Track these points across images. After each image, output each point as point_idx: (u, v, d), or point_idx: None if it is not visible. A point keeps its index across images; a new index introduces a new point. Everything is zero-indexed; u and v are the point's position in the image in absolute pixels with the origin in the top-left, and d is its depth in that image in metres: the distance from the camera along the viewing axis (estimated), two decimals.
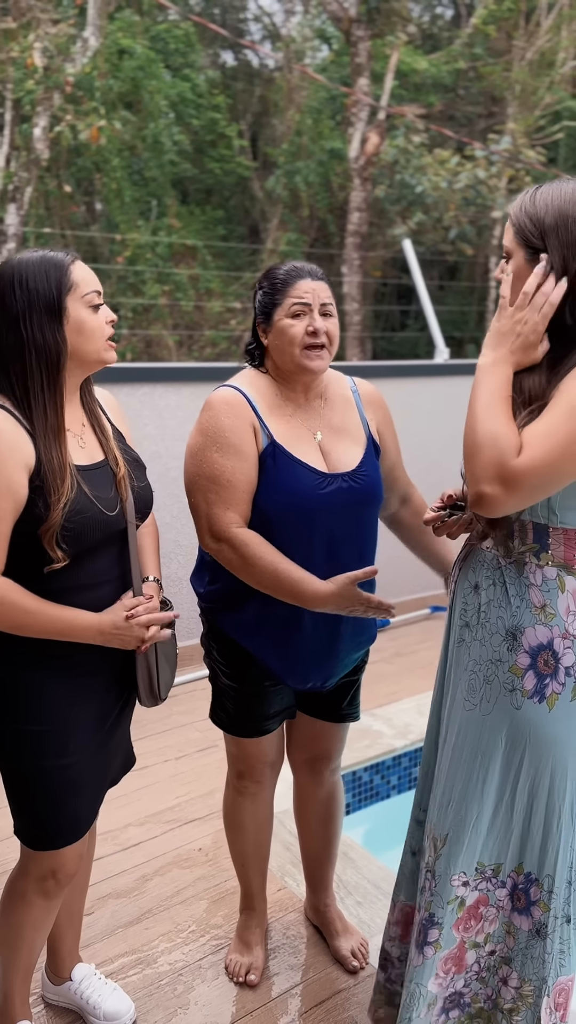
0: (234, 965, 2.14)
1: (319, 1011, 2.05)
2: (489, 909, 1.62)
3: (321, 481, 1.79)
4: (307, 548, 1.79)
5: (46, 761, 1.61)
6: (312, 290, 1.79)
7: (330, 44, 15.99)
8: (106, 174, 12.34)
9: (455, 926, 1.64)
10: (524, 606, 1.52)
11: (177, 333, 12.66)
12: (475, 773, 1.59)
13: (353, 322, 12.67)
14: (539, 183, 1.56)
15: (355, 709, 2.10)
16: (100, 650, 1.63)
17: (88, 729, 1.66)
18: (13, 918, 1.73)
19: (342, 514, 1.80)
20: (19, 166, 11.37)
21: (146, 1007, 2.04)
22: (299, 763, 2.15)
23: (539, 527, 1.50)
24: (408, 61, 13.99)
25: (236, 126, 15.02)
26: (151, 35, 13.81)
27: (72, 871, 1.70)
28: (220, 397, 1.82)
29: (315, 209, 14.59)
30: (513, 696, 1.54)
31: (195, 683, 3.78)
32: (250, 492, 1.78)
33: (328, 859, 2.25)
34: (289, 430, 1.83)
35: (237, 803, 2.12)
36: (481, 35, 14.25)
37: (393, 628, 4.50)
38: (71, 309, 1.54)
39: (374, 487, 1.87)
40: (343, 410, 1.90)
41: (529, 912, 1.62)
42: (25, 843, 1.68)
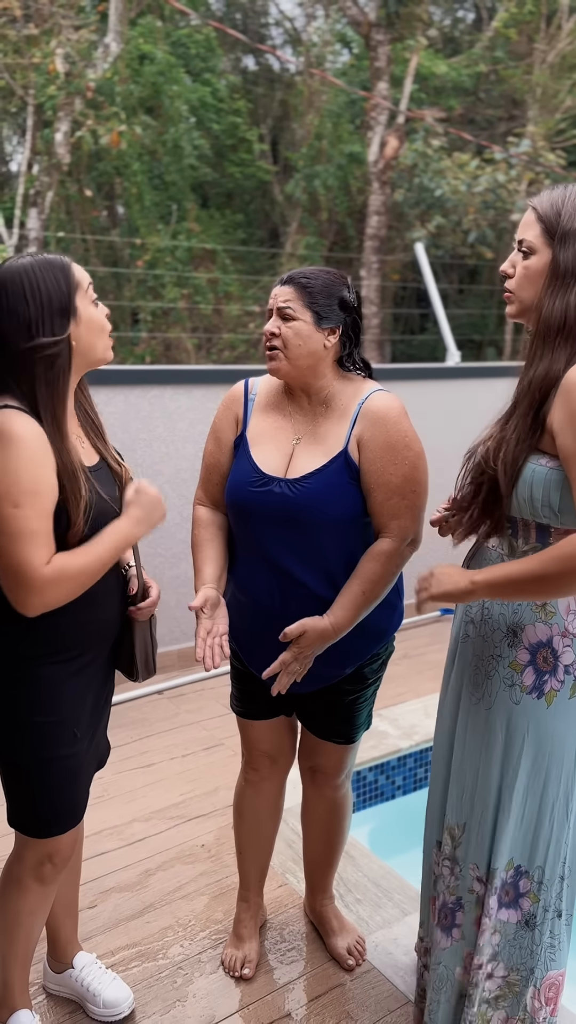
0: (229, 959, 2.18)
1: (315, 1005, 2.07)
2: (486, 920, 1.65)
3: (256, 479, 1.82)
4: (247, 543, 1.89)
5: (55, 751, 1.65)
6: (274, 295, 1.82)
7: (351, 48, 16.03)
8: (126, 178, 12.44)
9: (476, 923, 1.68)
10: (525, 604, 1.55)
11: (196, 336, 12.73)
12: (480, 767, 1.64)
13: (371, 325, 12.69)
14: (565, 183, 1.57)
15: (350, 731, 2.02)
16: (100, 636, 1.69)
17: (88, 715, 1.71)
18: (10, 905, 1.77)
19: (277, 518, 1.80)
20: (41, 171, 11.49)
21: (145, 999, 2.08)
22: (304, 769, 2.17)
23: (541, 527, 1.53)
24: (428, 65, 13.98)
25: (256, 130, 15.08)
26: (172, 40, 13.90)
27: (68, 855, 1.74)
28: (231, 388, 1.99)
29: (334, 213, 14.63)
30: (512, 691, 1.57)
31: (202, 683, 3.81)
32: (221, 476, 1.93)
33: (327, 865, 2.27)
34: (271, 429, 1.87)
35: (241, 791, 2.19)
36: (502, 38, 14.22)
37: (403, 630, 4.51)
38: (80, 307, 1.57)
39: (309, 498, 1.77)
40: (336, 420, 1.84)
41: (517, 904, 1.65)
42: (23, 832, 1.72)
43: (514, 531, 1.57)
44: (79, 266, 1.62)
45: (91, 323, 1.59)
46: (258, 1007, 2.07)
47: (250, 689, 2.02)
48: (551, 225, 1.49)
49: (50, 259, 1.57)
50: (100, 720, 1.80)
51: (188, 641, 3.98)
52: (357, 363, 1.89)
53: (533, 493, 1.50)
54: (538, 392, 1.48)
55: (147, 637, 1.82)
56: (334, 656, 1.86)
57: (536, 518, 1.53)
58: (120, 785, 2.99)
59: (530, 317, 1.57)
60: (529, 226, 1.53)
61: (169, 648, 3.90)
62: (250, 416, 1.90)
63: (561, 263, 1.48)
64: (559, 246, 1.48)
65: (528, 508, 1.52)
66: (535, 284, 1.53)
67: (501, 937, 1.66)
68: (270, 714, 2.05)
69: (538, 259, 1.52)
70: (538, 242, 1.51)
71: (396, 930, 2.32)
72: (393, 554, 1.78)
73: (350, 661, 1.91)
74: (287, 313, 1.78)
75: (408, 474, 1.77)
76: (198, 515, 1.96)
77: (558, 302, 1.48)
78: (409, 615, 4.62)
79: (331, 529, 1.79)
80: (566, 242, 1.48)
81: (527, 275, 1.54)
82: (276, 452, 1.85)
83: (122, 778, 3.03)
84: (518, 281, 1.56)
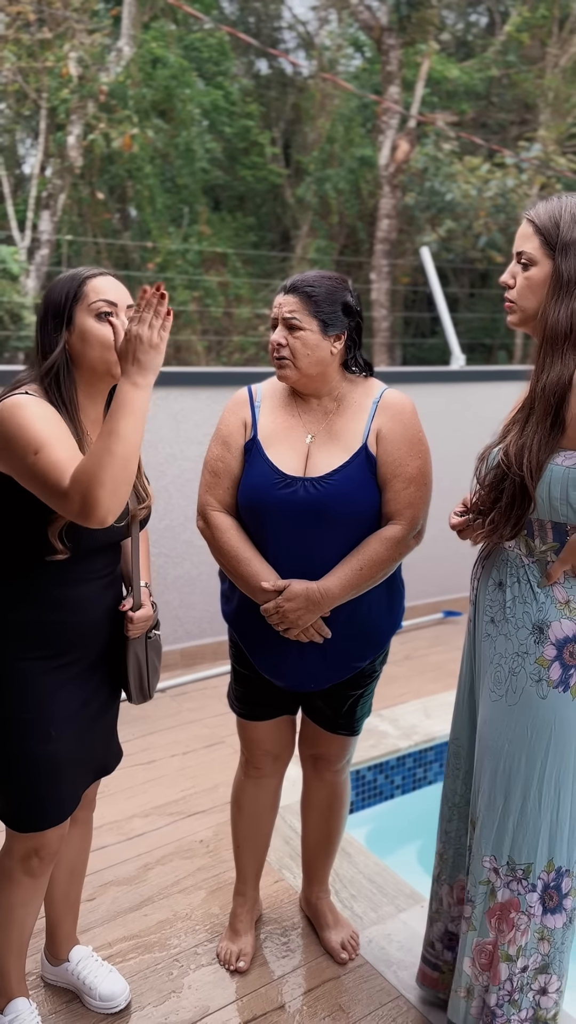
0: (224, 952, 2.21)
1: (308, 998, 2.10)
2: (521, 917, 1.67)
3: (279, 481, 1.85)
4: (262, 545, 1.89)
5: (31, 747, 1.69)
6: (279, 304, 1.86)
7: (363, 52, 16.07)
8: (138, 181, 12.51)
9: (488, 915, 1.71)
10: (549, 602, 1.60)
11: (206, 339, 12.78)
12: (502, 761, 1.67)
13: (381, 329, 12.72)
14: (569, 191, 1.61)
15: (353, 723, 2.08)
16: (83, 640, 1.72)
17: (71, 717, 1.74)
18: (2, 898, 1.81)
19: (294, 517, 1.83)
20: (53, 173, 11.57)
21: (141, 989, 2.11)
22: (305, 757, 2.21)
23: (558, 526, 1.58)
24: (440, 69, 14.01)
25: (268, 133, 15.14)
26: (185, 44, 13.97)
27: (55, 850, 1.78)
28: (235, 394, 1.99)
29: (345, 216, 14.66)
30: (539, 686, 1.61)
31: (205, 681, 3.85)
32: (232, 481, 1.92)
33: (325, 853, 2.30)
34: (282, 429, 1.90)
35: (242, 784, 2.21)
36: (514, 42, 14.23)
37: (405, 632, 4.54)
38: (77, 318, 1.63)
39: (337, 495, 1.82)
40: (351, 417, 1.90)
41: (562, 907, 1.67)
42: (9, 825, 1.75)
43: (530, 532, 1.61)
44: (107, 281, 1.65)
45: (85, 334, 1.63)
46: (252, 999, 2.10)
47: (255, 692, 2.05)
48: (550, 237, 1.54)
49: (81, 272, 1.67)
50: (93, 725, 1.82)
51: (191, 640, 4.02)
52: (360, 364, 1.94)
53: (552, 492, 1.54)
54: (553, 397, 1.53)
55: (141, 657, 1.84)
56: (359, 639, 1.93)
57: (554, 517, 1.57)
58: (121, 781, 3.02)
59: (532, 326, 1.63)
60: (527, 238, 1.58)
61: (172, 647, 3.94)
62: (258, 419, 1.93)
63: (564, 273, 1.53)
64: (560, 257, 1.53)
65: (547, 507, 1.56)
66: (537, 294, 1.58)
67: (551, 946, 1.68)
68: (274, 714, 2.09)
69: (539, 270, 1.57)
70: (538, 254, 1.57)
71: (390, 926, 2.35)
72: (400, 540, 1.84)
73: (364, 657, 1.96)
74: (293, 323, 1.83)
75: (421, 466, 1.86)
76: (218, 521, 1.91)
77: (563, 311, 1.53)
78: (413, 616, 4.65)
79: (355, 524, 1.85)
80: (567, 253, 1.53)
81: (528, 286, 1.59)
82: (292, 452, 1.88)
83: (123, 774, 3.07)
84: (519, 291, 1.61)
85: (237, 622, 1.99)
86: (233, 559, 1.88)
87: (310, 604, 1.81)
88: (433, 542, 1.81)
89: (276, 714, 2.09)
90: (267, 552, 1.89)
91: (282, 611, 1.82)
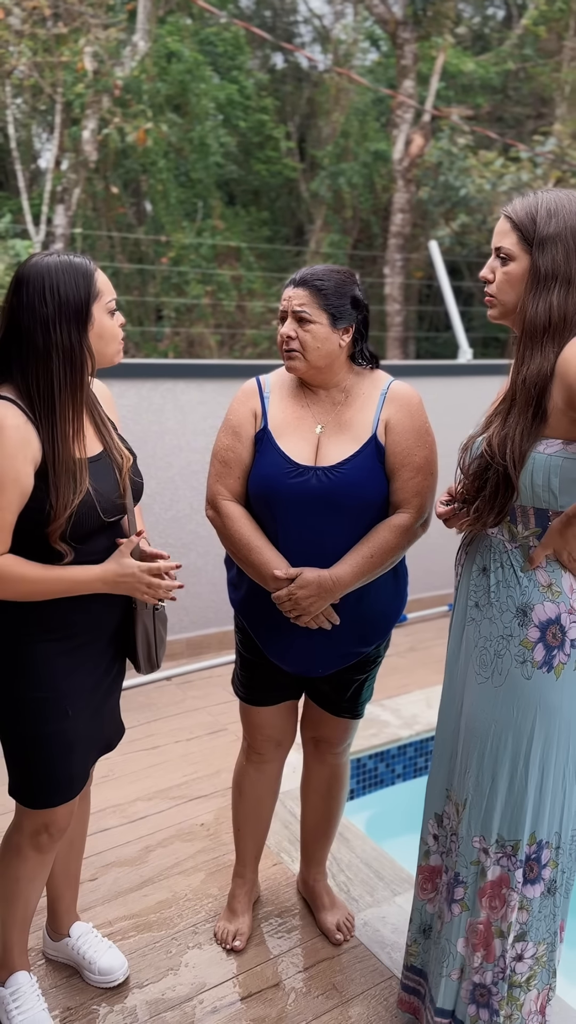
0: (221, 931, 2.26)
1: (303, 976, 2.15)
2: (511, 893, 1.71)
3: (291, 471, 1.88)
4: (273, 534, 1.92)
5: (47, 726, 1.74)
6: (288, 297, 1.90)
7: (378, 46, 16.04)
8: (152, 176, 12.54)
9: (480, 895, 1.75)
10: (532, 586, 1.64)
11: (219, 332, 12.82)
12: (489, 742, 1.71)
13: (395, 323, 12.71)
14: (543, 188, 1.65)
15: (356, 707, 2.13)
16: (98, 619, 1.77)
17: (84, 695, 1.79)
18: (9, 872, 1.86)
19: (306, 506, 1.87)
20: (68, 168, 11.63)
21: (139, 967, 2.16)
22: (306, 739, 2.26)
23: (540, 512, 1.62)
24: (455, 62, 13.96)
25: (283, 128, 15.13)
26: (200, 39, 13.99)
27: (64, 826, 1.83)
28: (243, 385, 2.03)
29: (359, 210, 14.65)
30: (524, 667, 1.66)
31: (210, 670, 3.90)
32: (243, 470, 1.95)
33: (324, 835, 2.34)
34: (292, 419, 1.94)
35: (243, 769, 2.25)
36: (531, 35, 14.16)
37: (410, 624, 4.57)
38: (96, 316, 1.66)
39: (348, 484, 1.86)
40: (360, 407, 1.94)
41: (541, 877, 1.72)
42: (21, 802, 1.80)
43: (513, 519, 1.65)
44: (104, 275, 1.69)
45: (103, 332, 1.68)
46: (247, 977, 2.14)
47: (261, 677, 2.09)
48: (527, 232, 1.58)
49: (76, 262, 1.64)
50: (104, 703, 1.87)
51: (197, 630, 4.07)
52: (367, 356, 1.99)
53: (534, 479, 1.58)
54: (534, 388, 1.57)
55: (149, 628, 1.88)
56: (366, 627, 1.98)
57: (537, 504, 1.61)
58: (125, 766, 3.08)
59: (512, 319, 1.67)
60: (505, 234, 1.62)
61: (178, 636, 3.99)
62: (268, 409, 1.97)
63: (541, 268, 1.57)
64: (537, 252, 1.57)
65: (529, 494, 1.60)
66: (515, 289, 1.62)
67: (528, 914, 1.73)
68: (278, 700, 2.13)
69: (517, 265, 1.61)
70: (516, 249, 1.61)
71: (385, 909, 2.39)
72: (408, 528, 1.89)
73: (370, 643, 2.01)
74: (303, 316, 1.87)
75: (428, 456, 1.92)
76: (229, 510, 1.95)
77: (541, 304, 1.57)
78: (419, 609, 4.68)
79: (365, 512, 1.89)
80: (544, 248, 1.57)
81: (507, 280, 1.63)
82: (303, 442, 1.92)
83: (128, 759, 3.12)
84: (498, 286, 1.65)
85: (245, 609, 2.03)
86: (245, 547, 1.91)
87: (322, 591, 1.85)
88: (440, 535, 1.85)
89: (280, 699, 2.13)
90: (278, 540, 1.92)
91: (294, 599, 1.86)
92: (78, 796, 1.85)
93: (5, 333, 1.64)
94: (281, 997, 2.08)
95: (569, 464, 1.56)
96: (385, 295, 12.53)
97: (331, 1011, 2.05)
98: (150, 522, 3.85)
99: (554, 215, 1.57)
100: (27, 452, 1.59)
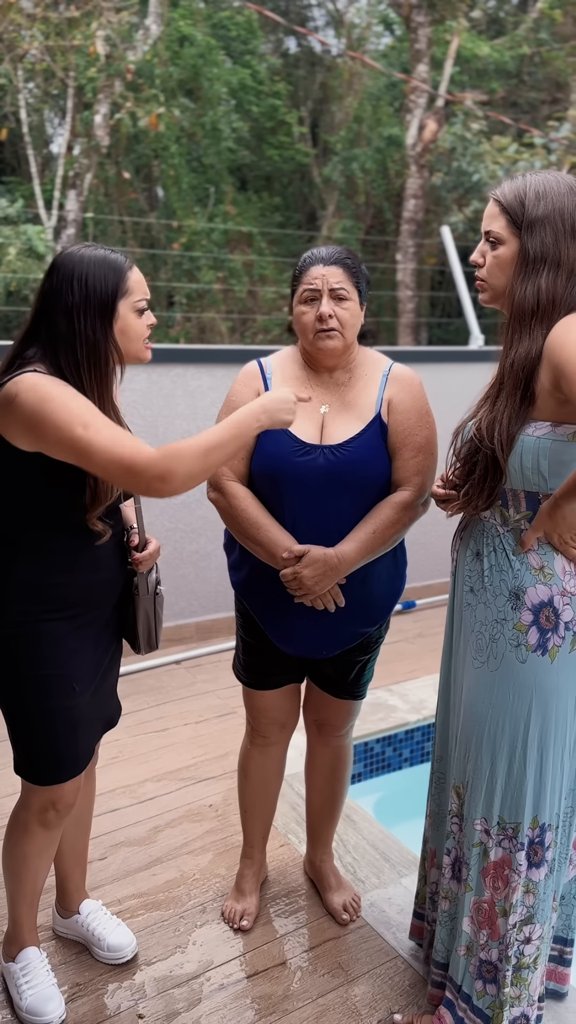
0: (229, 911, 2.28)
1: (309, 955, 2.17)
2: (513, 874, 1.73)
3: (298, 449, 1.90)
4: (279, 512, 1.94)
5: (53, 702, 1.76)
6: (322, 275, 1.89)
7: (392, 30, 15.91)
8: (164, 161, 12.52)
9: (483, 875, 1.77)
10: (525, 569, 1.64)
11: (230, 319, 12.81)
12: (487, 726, 1.72)
13: (407, 309, 12.68)
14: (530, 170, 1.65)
15: (359, 688, 2.14)
16: (100, 597, 1.80)
17: (88, 673, 1.81)
18: (17, 849, 1.89)
19: (313, 484, 1.89)
20: (80, 153, 11.62)
21: (147, 944, 2.19)
22: (309, 723, 2.27)
23: (530, 495, 1.62)
24: (470, 47, 13.85)
25: (296, 113, 15.06)
26: (213, 23, 13.92)
27: (71, 802, 1.85)
28: (243, 368, 2.04)
29: (371, 196, 14.59)
30: (518, 651, 1.66)
31: (219, 654, 3.92)
32: (246, 451, 1.96)
33: (329, 817, 2.36)
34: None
35: (248, 752, 2.27)
36: (547, 19, 14.04)
37: (419, 610, 4.58)
38: (121, 312, 1.66)
39: (355, 462, 1.89)
40: (363, 388, 1.97)
41: (545, 860, 1.73)
42: (28, 779, 1.83)
43: (505, 502, 1.66)
44: (140, 275, 1.70)
45: (127, 330, 1.68)
46: (254, 955, 2.17)
47: (264, 661, 2.10)
48: (516, 216, 1.58)
49: (111, 258, 1.66)
50: (104, 680, 1.90)
51: (206, 614, 4.09)
52: (362, 334, 2.04)
53: (524, 462, 1.58)
54: (522, 371, 1.57)
55: (149, 612, 1.90)
56: (369, 608, 2.00)
57: (527, 487, 1.61)
58: (135, 748, 3.11)
59: (503, 303, 1.67)
60: (494, 218, 1.62)
61: (188, 620, 4.02)
62: (271, 390, 1.97)
63: (529, 251, 1.57)
64: (526, 235, 1.57)
65: (519, 477, 1.61)
66: (505, 272, 1.62)
67: (535, 897, 1.74)
68: (281, 683, 2.14)
69: (506, 248, 1.61)
70: (505, 232, 1.61)
71: (392, 890, 2.41)
72: (410, 505, 1.92)
73: (373, 622, 2.03)
74: (341, 294, 1.90)
75: (429, 436, 1.96)
76: (234, 490, 1.95)
77: (529, 287, 1.57)
78: (428, 595, 4.69)
79: (370, 490, 1.92)
80: (532, 230, 1.56)
81: (497, 264, 1.63)
82: (308, 422, 1.93)
83: (137, 741, 3.15)
84: (489, 270, 1.65)
85: (248, 592, 2.04)
86: (252, 526, 1.92)
87: (328, 569, 1.87)
88: (450, 521, 1.85)
89: (283, 683, 2.14)
90: (283, 519, 1.93)
91: (300, 577, 1.87)
92: (84, 772, 1.87)
93: (36, 314, 1.67)
94: (287, 975, 2.11)
95: (558, 446, 1.56)
96: (397, 281, 12.50)
97: (336, 989, 2.07)
98: (160, 507, 3.87)
99: (542, 197, 1.56)
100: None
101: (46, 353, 1.64)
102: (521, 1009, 1.78)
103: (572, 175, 1.61)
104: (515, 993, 1.77)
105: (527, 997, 1.78)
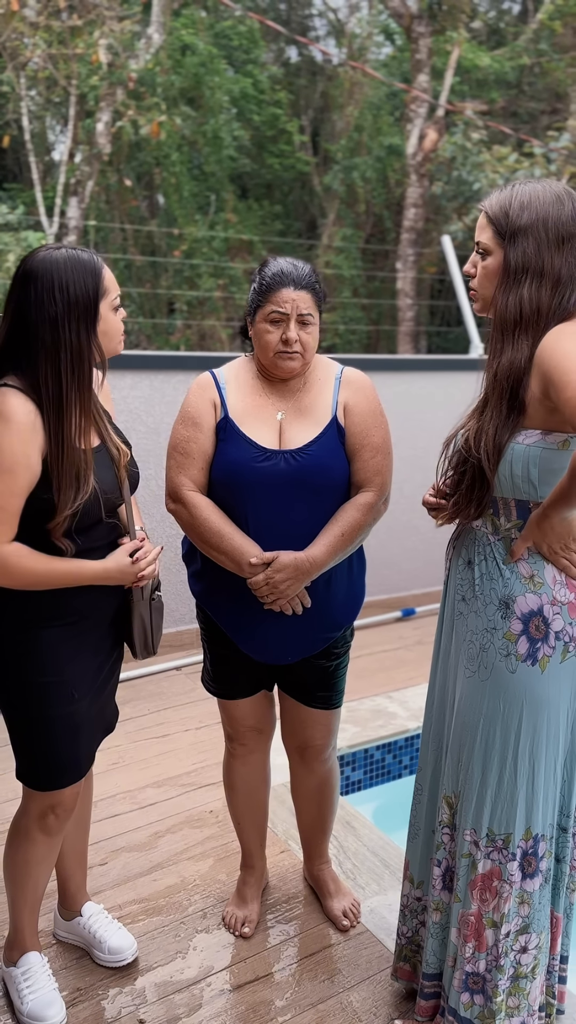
0: (230, 917, 2.28)
1: (308, 962, 2.18)
2: (503, 885, 1.72)
3: (258, 455, 1.90)
4: (241, 520, 1.94)
5: (54, 709, 1.77)
6: (292, 300, 1.88)
7: (393, 40, 16.00)
8: (165, 168, 12.57)
9: (471, 887, 1.76)
10: (515, 577, 1.65)
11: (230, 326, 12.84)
12: (478, 736, 1.71)
13: (406, 318, 12.72)
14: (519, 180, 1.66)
15: (332, 695, 2.13)
16: (98, 605, 1.80)
17: (88, 679, 1.82)
18: (19, 855, 1.90)
19: (275, 489, 1.89)
20: (82, 160, 11.66)
21: (148, 949, 2.20)
22: (291, 749, 2.25)
23: (521, 504, 1.63)
24: (471, 57, 13.92)
25: (297, 121, 15.13)
26: (215, 32, 14.00)
27: (70, 807, 1.86)
28: (197, 379, 2.03)
29: (371, 205, 14.65)
30: (508, 660, 1.66)
31: None
32: (205, 460, 1.96)
33: (321, 833, 2.36)
34: (252, 408, 1.96)
35: (229, 765, 2.27)
36: (547, 30, 14.11)
37: (418, 618, 4.59)
38: (103, 314, 1.68)
39: (316, 465, 1.90)
40: (317, 392, 1.99)
41: (539, 870, 1.73)
42: (30, 785, 1.84)
43: (496, 511, 1.67)
44: (109, 271, 1.71)
45: (108, 330, 1.71)
46: (254, 961, 2.17)
47: (232, 670, 2.10)
48: (500, 226, 1.59)
49: (83, 259, 1.65)
50: (104, 687, 1.90)
51: None
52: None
53: (513, 470, 1.59)
54: (507, 381, 1.57)
55: (145, 617, 1.91)
56: (334, 612, 2.02)
57: (517, 495, 1.62)
58: (135, 753, 3.11)
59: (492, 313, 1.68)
60: (482, 229, 1.64)
61: (188, 627, 4.02)
62: (227, 399, 1.97)
63: (511, 262, 1.58)
64: (509, 245, 1.58)
65: (509, 486, 1.61)
66: (493, 282, 1.63)
67: (530, 907, 1.74)
68: (252, 691, 2.14)
69: (493, 259, 1.62)
70: (491, 243, 1.62)
71: (391, 897, 2.42)
72: (373, 506, 1.95)
73: (338, 627, 2.04)
74: (308, 320, 1.91)
75: (385, 436, 2.00)
76: (195, 500, 1.94)
77: (511, 298, 1.57)
78: (427, 603, 4.70)
79: (331, 492, 1.95)
80: (515, 241, 1.57)
81: (486, 274, 1.65)
82: (265, 428, 1.94)
83: (138, 747, 3.16)
84: (479, 280, 1.67)
85: (211, 601, 2.04)
86: (216, 535, 1.91)
87: (299, 573, 1.88)
88: (449, 530, 1.86)
89: (254, 690, 2.14)
90: (246, 525, 1.93)
91: (272, 582, 1.88)
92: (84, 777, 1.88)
93: (12, 326, 1.64)
94: (287, 981, 2.11)
95: (548, 454, 1.56)
96: (397, 290, 12.54)
97: (336, 995, 2.08)
98: (160, 513, 3.87)
99: (526, 207, 1.56)
100: (38, 441, 1.62)
101: (24, 364, 1.63)
102: (521, 1018, 1.78)
103: (568, 185, 1.62)
104: (514, 1003, 1.77)
105: (526, 1007, 1.78)
